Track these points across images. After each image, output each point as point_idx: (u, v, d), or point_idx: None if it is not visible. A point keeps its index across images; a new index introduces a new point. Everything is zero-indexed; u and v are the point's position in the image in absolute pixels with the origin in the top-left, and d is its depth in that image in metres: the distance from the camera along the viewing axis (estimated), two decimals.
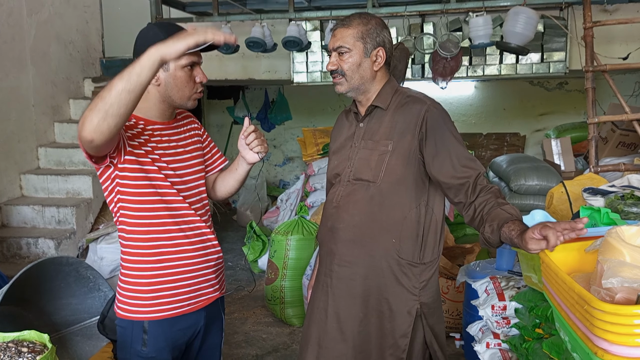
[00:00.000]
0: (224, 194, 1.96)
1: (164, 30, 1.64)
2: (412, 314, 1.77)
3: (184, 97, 1.71)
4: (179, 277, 1.73)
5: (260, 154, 1.79)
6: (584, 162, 5.00)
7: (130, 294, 1.72)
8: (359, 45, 1.76)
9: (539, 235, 1.41)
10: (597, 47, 3.55)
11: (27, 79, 4.59)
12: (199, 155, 1.86)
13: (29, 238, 4.14)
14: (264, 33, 4.41)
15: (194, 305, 1.77)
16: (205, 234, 1.79)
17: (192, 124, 1.90)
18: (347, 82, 1.79)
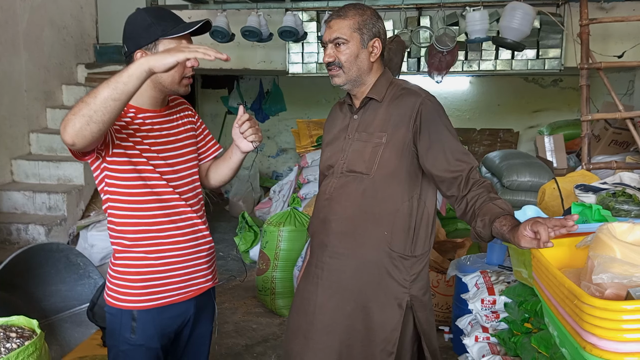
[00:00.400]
0: (217, 182, 1.94)
1: (152, 15, 1.64)
2: (402, 306, 1.77)
3: (175, 81, 1.67)
4: (169, 267, 1.72)
5: (254, 143, 1.76)
6: (577, 160, 5.02)
7: (120, 282, 1.71)
8: (356, 36, 1.75)
9: (530, 232, 1.41)
10: (593, 44, 3.56)
11: (19, 63, 4.54)
12: (192, 143, 1.83)
13: (19, 224, 4.11)
14: (260, 22, 4.38)
15: (184, 294, 1.76)
16: (196, 225, 1.78)
17: (185, 110, 1.87)
18: (344, 74, 1.77)
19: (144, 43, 1.62)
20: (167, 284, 1.72)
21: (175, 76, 1.65)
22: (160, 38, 1.62)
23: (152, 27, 1.62)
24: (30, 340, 1.58)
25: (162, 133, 1.73)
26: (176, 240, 1.73)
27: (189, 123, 1.85)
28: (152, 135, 1.69)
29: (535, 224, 1.40)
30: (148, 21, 1.62)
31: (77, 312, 2.89)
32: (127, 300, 1.70)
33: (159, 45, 1.62)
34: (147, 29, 1.62)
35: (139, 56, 1.61)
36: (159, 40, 1.62)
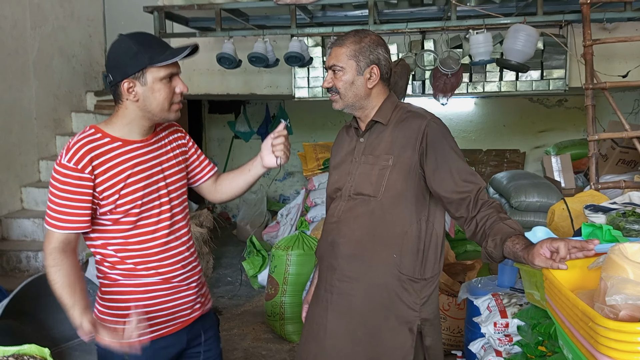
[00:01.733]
0: (228, 196, 1.91)
1: (138, 42, 1.59)
2: (413, 331, 1.76)
3: (164, 109, 1.62)
4: (158, 301, 1.70)
5: (279, 158, 1.79)
6: (584, 179, 5.01)
7: (107, 318, 1.70)
8: (352, 63, 1.78)
9: (547, 251, 1.40)
10: (597, 64, 3.58)
11: (29, 91, 4.62)
12: (182, 169, 1.79)
13: (29, 251, 4.12)
14: (266, 48, 4.44)
15: (173, 326, 1.74)
16: (185, 258, 1.75)
17: (175, 133, 1.82)
18: (341, 99, 1.81)
19: (131, 72, 1.57)
20: (156, 317, 1.69)
21: (164, 104, 1.61)
22: (148, 66, 1.57)
23: (139, 55, 1.56)
24: None
25: (151, 164, 1.68)
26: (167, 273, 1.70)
27: (178, 147, 1.80)
28: (140, 169, 1.65)
29: (555, 241, 1.39)
30: (134, 49, 1.56)
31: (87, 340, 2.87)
32: None
33: (146, 73, 1.57)
34: (133, 57, 1.56)
35: (126, 86, 1.58)
36: (146, 69, 1.57)
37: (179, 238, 1.74)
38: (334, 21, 4.89)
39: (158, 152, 1.71)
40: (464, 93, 4.88)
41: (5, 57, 4.34)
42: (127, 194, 1.61)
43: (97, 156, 1.57)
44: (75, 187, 1.55)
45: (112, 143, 1.62)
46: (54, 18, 4.95)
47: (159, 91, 1.60)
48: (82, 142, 1.57)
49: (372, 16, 4.16)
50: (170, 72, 1.61)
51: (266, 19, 4.95)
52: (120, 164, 1.61)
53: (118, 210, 1.61)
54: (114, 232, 1.64)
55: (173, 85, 1.63)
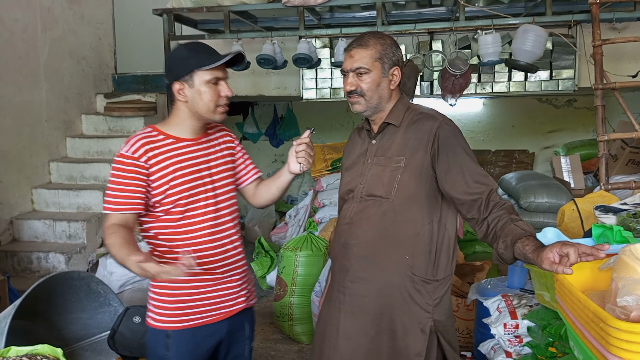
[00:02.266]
0: (266, 200, 2.01)
1: (189, 49, 1.78)
2: (425, 331, 1.76)
3: (209, 110, 1.79)
4: (201, 290, 1.82)
5: (302, 165, 1.85)
6: (594, 180, 4.98)
7: (156, 303, 1.84)
8: (378, 65, 1.79)
9: (556, 255, 1.39)
10: (606, 64, 3.56)
11: (40, 94, 4.66)
12: (229, 168, 1.93)
13: (40, 252, 4.17)
14: (275, 50, 4.45)
15: (216, 316, 1.86)
16: (230, 250, 1.87)
17: (225, 136, 1.98)
18: (365, 101, 1.81)
19: (181, 75, 1.76)
20: (199, 306, 1.82)
21: (210, 105, 1.78)
22: (195, 69, 1.74)
23: (189, 60, 1.75)
24: None
25: (199, 160, 1.83)
26: (208, 265, 1.81)
27: (227, 149, 1.95)
28: (189, 164, 1.80)
29: (565, 246, 1.38)
30: (185, 55, 1.76)
31: (98, 340, 2.89)
32: (161, 320, 1.82)
33: (194, 76, 1.75)
34: (184, 61, 1.76)
35: (177, 87, 1.77)
36: (194, 72, 1.75)
37: (223, 231, 1.85)
38: (342, 22, 4.90)
39: (207, 151, 1.87)
40: (472, 93, 4.87)
41: (16, 60, 4.38)
42: (175, 185, 1.76)
43: (151, 149, 1.76)
44: (130, 173, 1.73)
45: (166, 140, 1.80)
46: (64, 21, 4.99)
47: (205, 93, 1.77)
48: (139, 137, 1.78)
49: (380, 17, 4.17)
50: (216, 76, 1.77)
51: (274, 20, 4.97)
52: (170, 158, 1.77)
53: (167, 201, 1.76)
54: (165, 222, 1.79)
55: (219, 89, 1.79)
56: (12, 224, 4.37)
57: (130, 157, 1.73)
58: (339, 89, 5.07)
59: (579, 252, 1.36)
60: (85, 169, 4.78)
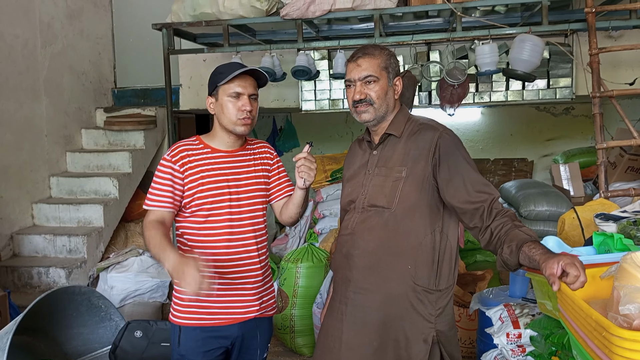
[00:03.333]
0: (288, 218, 2.10)
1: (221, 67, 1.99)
2: (428, 342, 1.76)
3: (231, 122, 1.95)
4: (212, 293, 1.87)
5: (305, 180, 1.92)
6: (593, 187, 4.99)
7: (175, 300, 2.00)
8: (384, 74, 1.82)
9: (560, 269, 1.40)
10: (603, 72, 3.58)
11: (40, 109, 4.68)
12: (262, 182, 2.06)
13: (40, 267, 4.15)
14: (274, 63, 4.47)
15: (226, 319, 1.96)
16: (245, 259, 1.97)
17: (264, 153, 2.12)
18: (374, 110, 1.83)
19: (211, 90, 1.99)
20: (209, 307, 1.94)
21: (231, 117, 1.94)
22: (219, 85, 1.94)
23: (217, 77, 1.97)
24: None
25: (230, 171, 1.99)
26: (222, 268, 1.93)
27: (262, 165, 2.08)
28: (219, 173, 1.96)
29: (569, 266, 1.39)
30: (216, 72, 1.98)
31: (99, 355, 2.89)
32: (176, 316, 1.98)
33: (219, 91, 1.96)
34: (213, 78, 1.98)
35: (209, 102, 2.01)
36: (218, 87, 1.95)
37: (240, 240, 1.97)
38: (339, 34, 4.93)
39: (239, 164, 2.02)
40: (470, 103, 4.89)
41: (17, 75, 4.40)
42: (201, 191, 1.93)
43: (187, 155, 1.96)
44: (167, 174, 1.93)
45: (204, 149, 1.99)
46: (64, 36, 5.02)
47: (226, 106, 1.94)
48: (181, 144, 2.00)
49: (378, 29, 4.19)
50: (236, 91, 1.93)
51: (273, 33, 4.99)
52: (202, 166, 1.96)
53: (194, 204, 1.93)
54: (190, 223, 1.96)
55: (240, 103, 1.93)
56: (13, 239, 4.37)
57: (168, 160, 1.95)
58: (338, 100, 5.09)
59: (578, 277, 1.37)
60: (85, 183, 4.78)
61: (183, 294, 1.94)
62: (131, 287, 4.17)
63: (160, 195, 1.93)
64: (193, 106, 5.43)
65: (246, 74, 1.95)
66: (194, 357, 1.95)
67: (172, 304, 2.02)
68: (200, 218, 1.94)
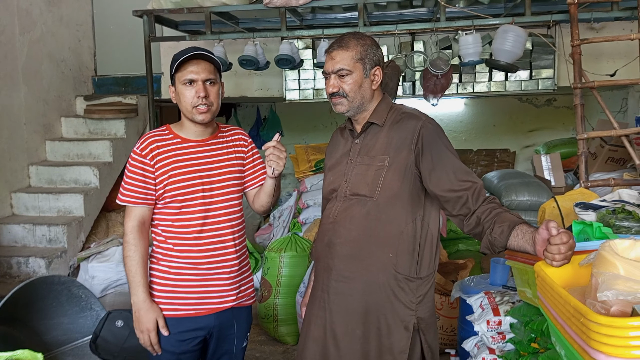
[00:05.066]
0: (259, 207, 2.08)
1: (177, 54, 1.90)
2: (409, 329, 1.77)
3: (188, 111, 1.90)
4: (187, 284, 1.93)
5: (272, 169, 1.89)
6: (574, 178, 5.05)
7: (151, 292, 1.96)
8: (359, 66, 1.79)
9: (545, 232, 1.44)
10: (585, 64, 3.61)
11: (18, 97, 4.59)
12: (236, 170, 2.01)
13: (20, 257, 4.10)
14: (257, 51, 4.44)
15: (201, 310, 1.94)
16: (219, 249, 1.94)
17: (239, 140, 2.07)
18: (348, 102, 1.81)
19: (171, 79, 1.95)
20: (185, 298, 1.93)
21: (187, 106, 1.89)
22: (174, 73, 1.89)
23: (171, 65, 1.90)
24: None
25: (202, 161, 1.94)
26: (196, 260, 1.92)
27: (236, 152, 2.04)
28: (188, 164, 1.92)
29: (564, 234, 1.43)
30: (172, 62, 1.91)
31: (80, 345, 2.86)
32: None
33: (175, 79, 1.91)
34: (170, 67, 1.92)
35: (171, 91, 1.95)
36: (175, 75, 1.90)
37: (213, 230, 1.93)
38: (323, 23, 4.90)
39: (211, 153, 1.97)
40: (453, 93, 4.91)
41: None
42: (172, 182, 1.89)
43: (158, 147, 1.91)
44: (138, 169, 1.90)
45: (174, 139, 1.95)
46: (43, 23, 4.92)
47: (182, 94, 1.89)
48: (150, 135, 1.95)
49: (362, 18, 4.18)
50: (188, 78, 1.87)
51: (256, 21, 4.95)
52: (172, 157, 1.91)
53: (166, 195, 1.90)
54: (164, 214, 1.93)
55: (194, 90, 1.87)
56: None
57: (138, 154, 1.90)
58: (322, 89, 5.07)
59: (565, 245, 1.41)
60: (65, 172, 4.72)
61: (159, 285, 1.95)
62: (112, 277, 4.14)
63: (133, 192, 1.91)
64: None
65: (200, 58, 1.87)
66: (169, 347, 1.94)
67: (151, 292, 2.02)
68: (173, 210, 1.91)
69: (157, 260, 1.97)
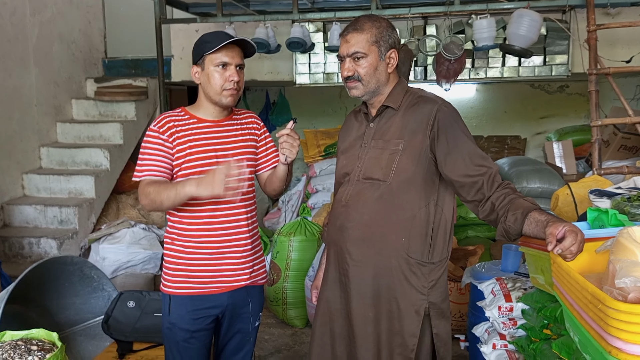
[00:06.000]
0: (272, 190, 2.10)
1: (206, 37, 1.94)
2: (420, 313, 1.77)
3: (216, 93, 1.92)
4: (201, 262, 1.96)
5: (286, 157, 1.91)
6: (585, 165, 5.01)
7: (165, 271, 2.01)
8: (374, 49, 1.77)
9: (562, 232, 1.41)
10: (600, 50, 3.56)
11: (29, 78, 4.59)
12: (249, 152, 2.04)
13: (31, 238, 4.13)
14: (268, 34, 4.41)
15: (215, 288, 1.97)
16: (233, 227, 1.97)
17: (252, 123, 2.10)
18: (363, 86, 1.80)
19: (196, 59, 1.95)
20: (198, 276, 1.96)
21: (216, 88, 1.91)
22: (205, 54, 1.90)
23: (202, 46, 1.92)
24: (51, 353, 1.58)
25: (216, 141, 1.97)
26: (210, 237, 1.95)
27: (249, 134, 2.07)
28: (206, 143, 1.94)
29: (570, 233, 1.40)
30: (202, 40, 1.94)
31: (91, 324, 2.89)
32: (167, 285, 2.00)
33: (205, 60, 1.91)
34: (199, 47, 1.94)
35: (194, 71, 1.96)
36: (205, 56, 1.91)
37: (227, 209, 1.96)
38: (335, 6, 4.85)
39: (225, 134, 2.00)
40: (466, 79, 4.86)
41: (5, 43, 4.31)
42: (189, 160, 1.92)
43: (174, 126, 1.94)
44: (155, 144, 1.92)
45: (190, 119, 1.97)
46: (53, 4, 4.90)
47: (212, 77, 1.90)
48: (166, 115, 1.98)
49: (375, 1, 4.13)
50: (223, 61, 1.89)
51: (267, 4, 4.91)
52: (189, 136, 1.94)
53: (182, 173, 1.92)
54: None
55: (227, 74, 1.90)
56: (3, 210, 4.33)
57: (156, 130, 1.92)
58: (333, 74, 5.04)
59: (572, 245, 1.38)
60: (76, 154, 4.73)
61: (173, 264, 1.98)
62: (123, 259, 4.17)
63: (151, 165, 1.91)
64: (185, 77, 5.35)
65: (233, 43, 1.91)
66: (183, 325, 1.97)
67: (163, 274, 2.04)
68: None
69: (171, 240, 2.00)
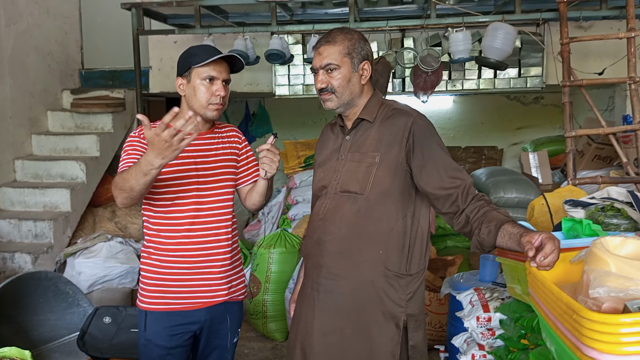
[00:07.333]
0: (251, 205, 2.10)
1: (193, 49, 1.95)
2: (399, 326, 1.77)
3: (202, 106, 1.91)
4: (178, 278, 1.93)
5: (266, 172, 1.92)
6: (561, 175, 5.08)
7: (141, 286, 1.99)
8: (347, 60, 1.78)
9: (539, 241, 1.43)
10: (573, 62, 3.63)
11: (4, 90, 4.51)
12: (230, 165, 2.03)
13: (5, 252, 4.04)
14: (247, 46, 4.41)
15: (192, 304, 1.95)
16: (210, 242, 1.95)
17: (233, 137, 2.09)
18: (337, 98, 1.80)
19: (182, 71, 1.93)
20: (175, 292, 1.94)
21: (202, 101, 1.90)
22: (192, 66, 1.89)
23: (189, 58, 1.92)
24: None
25: (196, 154, 1.95)
26: (187, 253, 1.92)
27: (231, 148, 2.06)
28: (187, 155, 1.91)
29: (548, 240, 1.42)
30: (188, 53, 1.94)
31: (67, 341, 2.83)
32: (143, 301, 1.97)
33: (192, 73, 1.90)
34: (185, 59, 1.93)
35: (178, 83, 1.94)
36: (192, 69, 1.90)
37: (205, 224, 1.94)
38: (314, 19, 4.88)
39: (206, 147, 1.98)
40: (443, 90, 4.92)
41: None
42: (168, 172, 1.89)
43: None
44: (136, 149, 1.89)
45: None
46: (29, 14, 4.84)
47: (199, 89, 1.89)
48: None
49: (353, 14, 4.17)
50: (210, 75, 1.89)
51: (246, 16, 4.92)
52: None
53: (160, 184, 1.89)
54: (156, 207, 1.93)
55: (214, 88, 1.89)
56: None
57: (136, 136, 1.92)
58: (312, 85, 5.05)
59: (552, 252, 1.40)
60: (51, 167, 4.65)
61: (149, 279, 1.95)
62: (100, 273, 4.10)
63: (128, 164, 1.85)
64: (163, 89, 5.32)
65: (221, 59, 1.91)
66: (160, 342, 1.94)
67: (139, 289, 2.01)
68: (166, 202, 1.92)
69: (148, 255, 1.98)
